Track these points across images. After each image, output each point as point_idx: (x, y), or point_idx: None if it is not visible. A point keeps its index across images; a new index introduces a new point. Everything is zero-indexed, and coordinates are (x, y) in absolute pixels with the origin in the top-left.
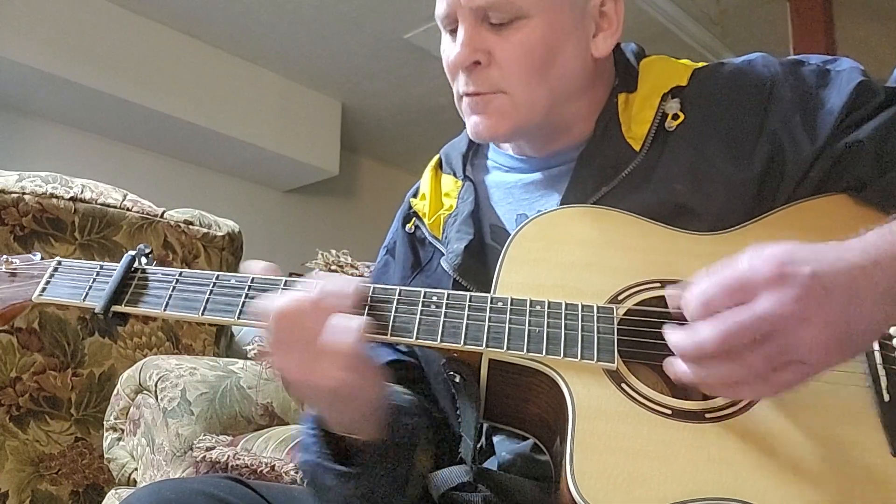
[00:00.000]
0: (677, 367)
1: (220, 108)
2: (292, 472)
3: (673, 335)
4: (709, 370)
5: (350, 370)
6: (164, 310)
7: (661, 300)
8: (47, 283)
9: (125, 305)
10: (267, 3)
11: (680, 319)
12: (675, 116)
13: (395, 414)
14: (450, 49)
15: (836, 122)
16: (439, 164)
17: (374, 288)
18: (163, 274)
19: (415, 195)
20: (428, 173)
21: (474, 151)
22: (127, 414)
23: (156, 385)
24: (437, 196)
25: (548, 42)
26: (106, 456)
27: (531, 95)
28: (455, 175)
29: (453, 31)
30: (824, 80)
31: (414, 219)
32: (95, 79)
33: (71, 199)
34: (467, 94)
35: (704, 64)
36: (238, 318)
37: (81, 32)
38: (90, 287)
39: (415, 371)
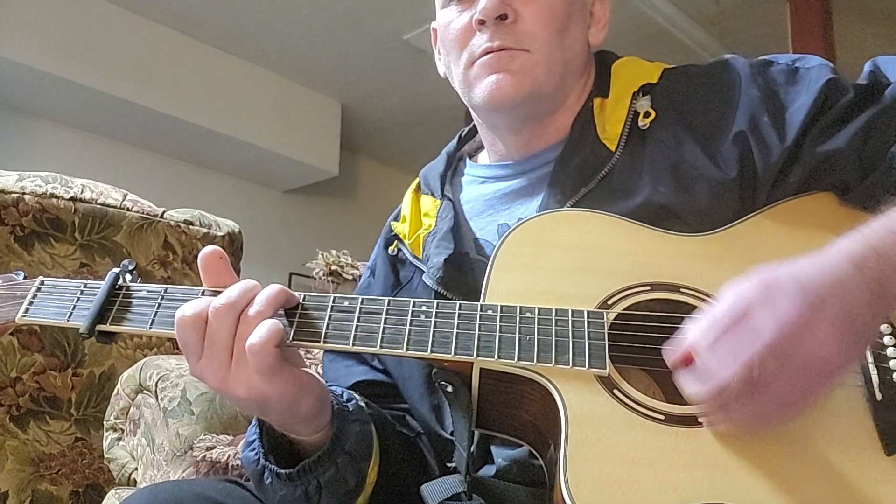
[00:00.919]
0: (707, 420)
1: (220, 108)
2: None
3: (691, 388)
4: (741, 413)
5: (270, 376)
6: (150, 327)
7: (651, 303)
8: (31, 303)
9: (110, 324)
10: (266, 3)
11: (673, 322)
12: (647, 114)
13: (339, 419)
14: (457, 19)
15: (805, 120)
16: (418, 187)
17: (362, 299)
18: (148, 291)
19: (396, 219)
20: (408, 196)
21: (452, 171)
22: (127, 414)
23: (156, 385)
24: (416, 217)
25: (566, 10)
26: (106, 456)
27: (551, 57)
28: (433, 195)
29: (461, 1)
30: (793, 78)
31: (396, 241)
32: (95, 79)
33: (71, 199)
34: (490, 51)
35: (675, 65)
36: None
37: (81, 32)
38: (74, 306)
39: (388, 389)
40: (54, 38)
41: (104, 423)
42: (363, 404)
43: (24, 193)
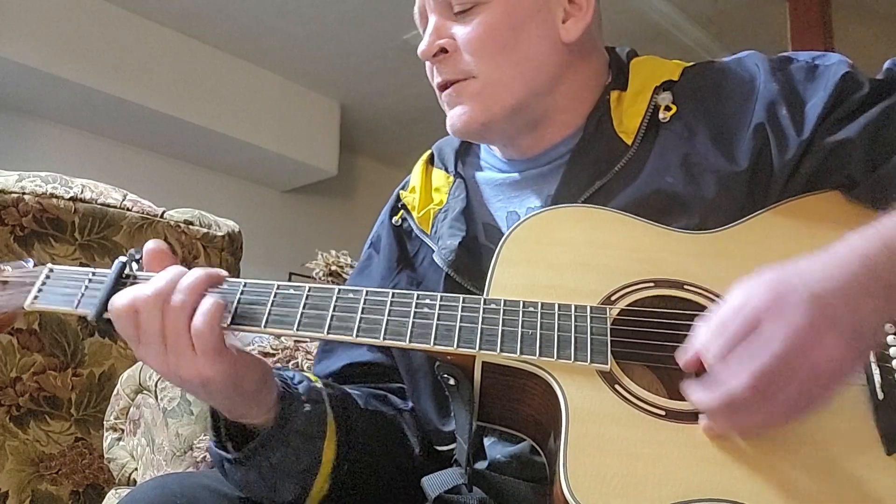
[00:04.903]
0: (711, 425)
1: (220, 108)
2: None
3: (699, 395)
4: (745, 420)
5: (213, 361)
6: None
7: (654, 300)
8: (39, 290)
9: None
10: (267, 3)
11: (676, 319)
12: (668, 108)
13: (285, 401)
14: None
15: (821, 114)
16: (430, 159)
17: (367, 291)
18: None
19: (404, 188)
20: (418, 167)
21: (466, 149)
22: (127, 414)
23: (156, 385)
24: (426, 190)
25: (509, 23)
26: (106, 456)
27: (498, 76)
28: (446, 170)
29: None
30: (812, 74)
31: (402, 211)
32: (95, 79)
33: (71, 199)
34: (440, 88)
35: (695, 63)
36: (230, 324)
37: (81, 32)
38: (82, 294)
39: (379, 369)
40: (54, 38)
41: (104, 423)
42: (319, 385)
43: (24, 193)
